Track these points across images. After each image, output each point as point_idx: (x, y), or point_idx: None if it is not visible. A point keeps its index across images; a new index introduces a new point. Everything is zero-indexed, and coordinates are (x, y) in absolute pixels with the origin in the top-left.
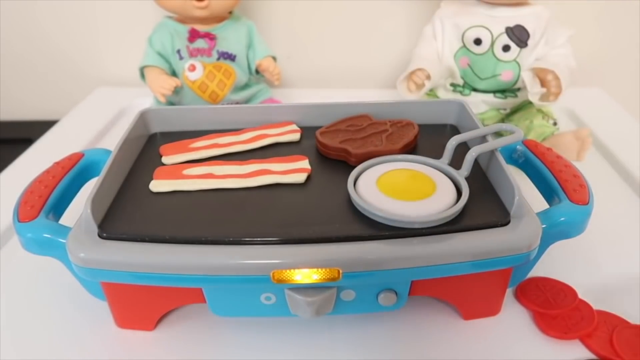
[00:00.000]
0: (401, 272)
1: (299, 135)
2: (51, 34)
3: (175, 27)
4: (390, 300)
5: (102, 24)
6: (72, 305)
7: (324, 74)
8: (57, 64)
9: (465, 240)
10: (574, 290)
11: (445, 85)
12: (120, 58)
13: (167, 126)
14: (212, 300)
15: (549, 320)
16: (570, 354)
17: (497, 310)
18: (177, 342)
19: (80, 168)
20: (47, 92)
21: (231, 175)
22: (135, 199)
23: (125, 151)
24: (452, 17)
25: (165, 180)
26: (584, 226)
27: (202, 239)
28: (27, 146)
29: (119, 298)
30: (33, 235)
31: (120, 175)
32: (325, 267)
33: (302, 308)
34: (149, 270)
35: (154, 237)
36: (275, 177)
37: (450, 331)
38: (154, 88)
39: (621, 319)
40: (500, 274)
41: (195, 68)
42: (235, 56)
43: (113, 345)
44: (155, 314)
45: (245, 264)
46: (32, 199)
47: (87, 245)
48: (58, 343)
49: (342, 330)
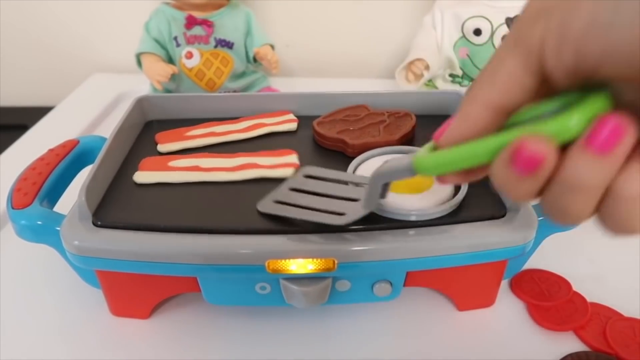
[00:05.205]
0: (396, 263)
1: (295, 124)
2: (47, 20)
3: (173, 14)
4: (385, 290)
5: (99, 10)
6: (67, 293)
7: (323, 63)
8: (53, 50)
9: (461, 232)
10: (568, 283)
11: (444, 76)
12: (117, 44)
13: (163, 114)
14: (206, 289)
15: (543, 312)
16: (563, 346)
17: (491, 301)
18: (172, 330)
19: (75, 155)
20: (43, 78)
21: (218, 169)
22: (130, 187)
23: (120, 138)
24: (452, 7)
25: (150, 171)
26: None
27: (197, 228)
28: (22, 132)
29: (114, 286)
30: (27, 222)
31: (116, 162)
32: (320, 257)
33: (297, 298)
34: (144, 258)
35: (148, 225)
36: (263, 171)
37: (445, 322)
38: (151, 75)
39: (614, 312)
40: (495, 265)
41: (192, 55)
42: (232, 44)
43: (107, 333)
44: (150, 302)
45: (240, 254)
46: (26, 185)
47: (81, 233)
48: (52, 331)
49: (337, 320)
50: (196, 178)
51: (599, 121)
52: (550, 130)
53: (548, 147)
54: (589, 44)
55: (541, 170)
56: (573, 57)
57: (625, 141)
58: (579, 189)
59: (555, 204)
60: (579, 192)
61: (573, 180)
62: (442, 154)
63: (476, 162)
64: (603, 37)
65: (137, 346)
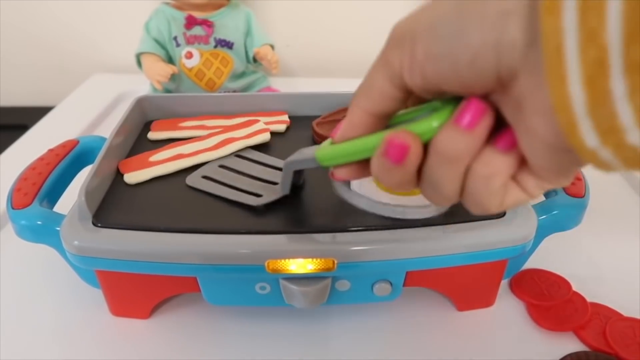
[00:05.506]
0: (396, 263)
1: (284, 126)
2: (47, 20)
3: (172, 14)
4: (385, 290)
5: (99, 10)
6: (67, 293)
7: (323, 63)
8: (53, 50)
9: (460, 231)
10: (568, 283)
11: None
12: (117, 44)
13: (163, 114)
14: (206, 289)
15: (543, 312)
16: (563, 346)
17: (491, 301)
18: (172, 330)
19: (75, 155)
20: (43, 78)
21: (200, 151)
22: (130, 187)
23: (120, 138)
24: None
25: (137, 171)
26: (579, 219)
27: (197, 228)
28: (22, 132)
29: (114, 286)
30: (27, 222)
31: (116, 162)
32: (320, 257)
33: (296, 298)
34: (144, 258)
35: (148, 225)
36: (241, 142)
37: (445, 322)
38: (150, 75)
39: (614, 312)
40: (495, 265)
41: (192, 55)
42: (232, 44)
43: (107, 333)
44: (150, 302)
45: (240, 254)
46: (25, 185)
47: (81, 233)
48: (52, 331)
49: (337, 320)
50: (183, 165)
51: (465, 104)
52: (417, 129)
53: (413, 140)
54: (428, 70)
55: (408, 159)
56: (421, 79)
57: (485, 120)
58: (449, 160)
59: (431, 179)
60: (448, 164)
61: (445, 151)
62: (335, 148)
63: (361, 155)
64: (436, 65)
65: (137, 346)
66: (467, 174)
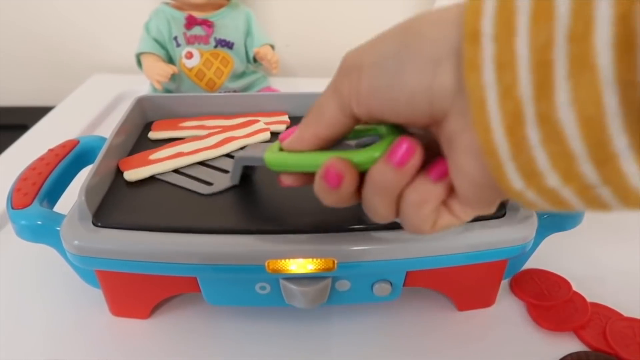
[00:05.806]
0: (396, 263)
1: (284, 126)
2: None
3: (172, 14)
4: (385, 290)
5: (99, 10)
6: (66, 293)
7: (323, 63)
8: (53, 50)
9: (460, 231)
10: (568, 283)
11: None
12: (117, 44)
13: (163, 114)
14: (206, 289)
15: (543, 312)
16: (563, 346)
17: (491, 301)
18: (172, 330)
19: (75, 155)
20: (43, 78)
21: (200, 149)
22: (130, 187)
23: (120, 138)
24: None
25: (137, 168)
26: (579, 219)
27: (197, 228)
28: (22, 132)
29: (114, 286)
30: (27, 222)
31: (116, 162)
32: (320, 257)
33: (296, 298)
34: (144, 258)
35: (148, 225)
36: (242, 141)
37: (445, 322)
38: (151, 75)
39: (614, 312)
40: (495, 265)
41: (192, 55)
42: (233, 44)
43: (107, 333)
44: (150, 302)
45: (240, 254)
46: (25, 185)
47: (81, 233)
48: (52, 331)
49: (337, 320)
50: (183, 163)
51: (397, 142)
52: (359, 159)
53: (349, 170)
54: (373, 103)
55: (343, 185)
56: (366, 109)
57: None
58: (382, 191)
59: (367, 203)
60: (382, 194)
61: (378, 184)
62: (284, 157)
63: (307, 169)
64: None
65: (137, 346)
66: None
